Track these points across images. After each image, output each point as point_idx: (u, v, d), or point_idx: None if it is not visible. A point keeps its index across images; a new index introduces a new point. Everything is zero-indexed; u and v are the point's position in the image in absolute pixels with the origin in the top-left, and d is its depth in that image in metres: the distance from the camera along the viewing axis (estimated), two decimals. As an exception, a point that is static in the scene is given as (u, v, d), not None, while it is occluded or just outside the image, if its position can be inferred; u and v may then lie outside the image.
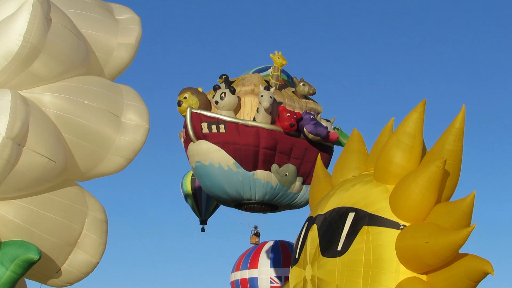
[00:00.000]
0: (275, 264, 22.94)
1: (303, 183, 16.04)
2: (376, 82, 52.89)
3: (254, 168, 15.50)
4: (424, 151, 9.10)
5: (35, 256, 8.92)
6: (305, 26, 53.87)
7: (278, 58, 15.61)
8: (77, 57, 9.46)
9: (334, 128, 16.15)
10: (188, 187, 24.09)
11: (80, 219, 9.68)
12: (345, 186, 9.51)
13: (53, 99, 9.15)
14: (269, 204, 16.25)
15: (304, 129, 15.43)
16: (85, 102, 9.35)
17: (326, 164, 16.22)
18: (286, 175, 15.73)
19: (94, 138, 9.46)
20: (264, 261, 23.04)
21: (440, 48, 52.27)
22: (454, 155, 8.68)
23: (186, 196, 24.28)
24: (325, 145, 16.10)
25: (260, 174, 15.57)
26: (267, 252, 23.32)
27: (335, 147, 16.44)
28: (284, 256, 22.81)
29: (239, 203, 16.29)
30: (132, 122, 9.75)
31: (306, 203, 15.97)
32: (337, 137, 15.99)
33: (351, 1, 54.27)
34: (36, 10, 8.78)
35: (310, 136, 15.50)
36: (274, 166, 15.60)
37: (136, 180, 52.95)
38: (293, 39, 52.43)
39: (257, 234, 18.91)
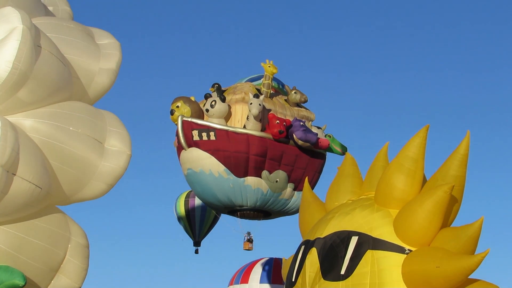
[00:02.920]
0: (265, 280, 23.01)
1: (295, 189, 16.03)
2: (371, 90, 52.79)
3: (245, 174, 15.50)
4: (423, 178, 9.03)
5: (20, 282, 8.81)
6: (300, 34, 53.63)
7: (269, 66, 15.68)
8: (62, 83, 9.42)
9: (326, 135, 16.11)
10: (181, 209, 24.20)
11: (63, 244, 9.67)
12: (344, 210, 9.38)
13: (37, 125, 9.09)
14: (262, 211, 16.25)
15: (294, 135, 15.44)
16: (70, 128, 9.32)
17: (320, 171, 16.21)
18: (276, 181, 15.71)
19: (78, 164, 9.43)
20: (255, 277, 23.15)
21: (441, 52, 52.06)
22: (459, 181, 8.65)
23: (180, 218, 24.38)
24: (316, 152, 16.05)
25: (250, 180, 15.57)
26: (259, 268, 23.46)
27: (328, 154, 16.40)
28: (275, 272, 22.86)
29: (232, 210, 16.31)
30: (115, 149, 9.77)
31: (298, 210, 15.95)
32: (328, 144, 15.95)
33: (346, 8, 53.96)
34: (26, 37, 8.66)
35: (300, 142, 15.48)
36: (265, 173, 15.58)
37: (128, 199, 52.69)
38: (289, 47, 52.21)
39: (250, 240, 18.87)
